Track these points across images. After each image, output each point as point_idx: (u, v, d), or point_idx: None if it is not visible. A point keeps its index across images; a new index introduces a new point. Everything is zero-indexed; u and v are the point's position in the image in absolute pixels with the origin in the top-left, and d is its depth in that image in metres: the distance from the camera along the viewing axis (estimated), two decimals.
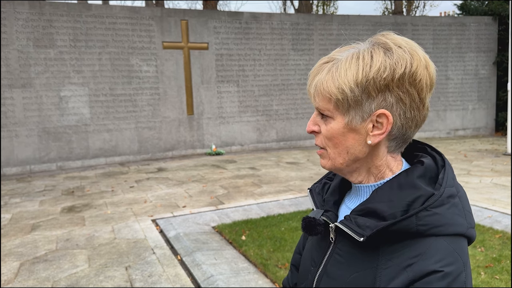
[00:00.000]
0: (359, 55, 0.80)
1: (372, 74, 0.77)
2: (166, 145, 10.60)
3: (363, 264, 0.81)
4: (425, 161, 0.84)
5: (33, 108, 9.23)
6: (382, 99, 0.79)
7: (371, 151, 0.84)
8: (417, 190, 0.79)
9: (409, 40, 0.82)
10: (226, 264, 3.90)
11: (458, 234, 0.78)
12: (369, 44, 0.82)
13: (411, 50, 0.80)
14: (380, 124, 0.80)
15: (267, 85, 11.49)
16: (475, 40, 13.22)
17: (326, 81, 0.81)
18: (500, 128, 13.44)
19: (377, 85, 0.78)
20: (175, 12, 10.59)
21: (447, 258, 0.74)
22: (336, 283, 0.84)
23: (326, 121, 0.84)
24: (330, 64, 0.83)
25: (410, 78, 0.78)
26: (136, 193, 6.79)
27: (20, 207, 6.12)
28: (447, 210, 0.77)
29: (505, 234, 4.46)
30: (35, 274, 3.84)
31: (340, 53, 0.84)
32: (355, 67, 0.79)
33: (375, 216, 0.80)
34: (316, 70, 0.85)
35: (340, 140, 0.83)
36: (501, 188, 6.42)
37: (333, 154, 0.85)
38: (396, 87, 0.78)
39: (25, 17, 9.04)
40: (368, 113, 0.80)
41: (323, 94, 0.82)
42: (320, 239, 0.94)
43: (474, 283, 3.40)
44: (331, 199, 0.95)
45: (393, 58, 0.78)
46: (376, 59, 0.78)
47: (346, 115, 0.81)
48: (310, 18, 11.97)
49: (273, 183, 7.24)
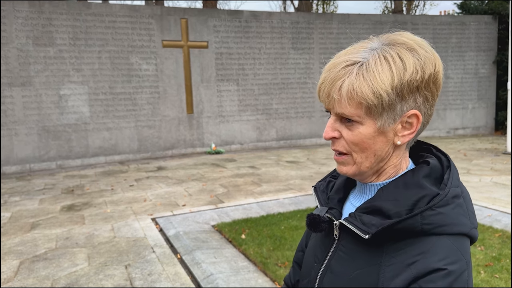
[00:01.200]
0: (387, 57, 0.78)
1: (407, 77, 0.77)
2: (166, 144, 10.59)
3: (366, 261, 0.81)
4: (431, 162, 0.86)
5: (32, 106, 9.22)
6: (412, 100, 0.80)
7: (394, 151, 0.85)
8: (422, 190, 0.80)
9: (424, 40, 0.83)
10: (226, 263, 3.90)
11: (461, 233, 0.79)
12: (386, 43, 0.81)
13: (432, 50, 0.81)
14: (409, 124, 0.82)
15: (267, 84, 11.48)
16: (475, 39, 13.21)
17: (360, 85, 0.77)
18: (500, 127, 13.45)
19: (410, 88, 0.78)
20: (175, 10, 10.58)
21: (450, 257, 0.75)
22: (339, 279, 0.85)
23: (352, 126, 0.82)
24: (355, 67, 0.79)
25: (433, 78, 0.81)
26: (136, 191, 6.79)
27: (19, 206, 6.12)
28: (452, 210, 0.78)
29: (504, 233, 4.46)
30: (35, 272, 3.83)
31: (357, 55, 0.80)
32: (389, 70, 0.77)
33: (380, 214, 0.81)
34: (337, 74, 0.80)
35: (369, 143, 0.82)
36: (501, 187, 6.42)
37: (360, 159, 0.84)
38: (424, 87, 0.80)
39: (24, 16, 9.03)
40: (399, 114, 0.80)
41: (355, 99, 0.78)
42: (323, 236, 0.94)
43: (474, 282, 3.41)
44: (336, 196, 0.96)
45: (421, 59, 0.79)
46: (407, 62, 0.78)
47: (379, 119, 0.80)
48: (310, 17, 11.96)
49: (273, 182, 7.24)
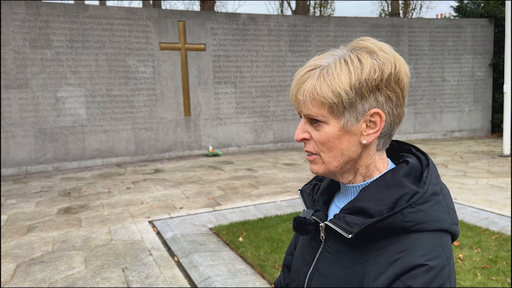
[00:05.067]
0: (346, 59, 0.83)
1: (364, 76, 0.81)
2: (163, 146, 10.58)
3: (352, 261, 0.83)
4: (410, 161, 0.88)
5: (29, 109, 9.19)
6: (374, 99, 0.83)
7: (362, 151, 0.87)
8: (402, 188, 0.83)
9: (386, 44, 0.87)
10: (223, 266, 3.89)
11: (442, 230, 0.81)
12: (350, 49, 0.85)
13: (392, 52, 0.85)
14: (373, 123, 0.84)
15: (264, 86, 11.50)
16: (471, 42, 13.28)
17: (320, 86, 0.82)
18: (496, 129, 13.51)
19: (369, 86, 0.82)
20: (172, 13, 10.58)
21: (431, 253, 0.77)
22: (327, 280, 0.87)
23: (319, 127, 0.86)
24: (317, 70, 0.84)
25: (395, 78, 0.83)
26: (133, 194, 6.77)
27: (16, 208, 6.09)
28: (431, 207, 0.80)
29: (501, 235, 4.48)
30: (32, 275, 3.82)
31: (322, 60, 0.85)
32: (347, 70, 0.81)
33: (363, 214, 0.83)
34: (302, 78, 0.86)
35: (335, 143, 0.85)
36: (497, 190, 6.44)
37: (328, 158, 0.87)
38: (385, 86, 0.83)
39: (21, 18, 9.01)
40: (362, 113, 0.83)
41: (317, 99, 0.83)
42: (310, 239, 0.96)
43: (471, 284, 3.41)
44: (321, 199, 0.98)
45: (380, 60, 0.82)
46: (365, 62, 0.81)
47: (341, 118, 0.83)
48: (307, 20, 11.99)
49: (270, 184, 7.24)
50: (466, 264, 3.77)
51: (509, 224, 4.74)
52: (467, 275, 3.55)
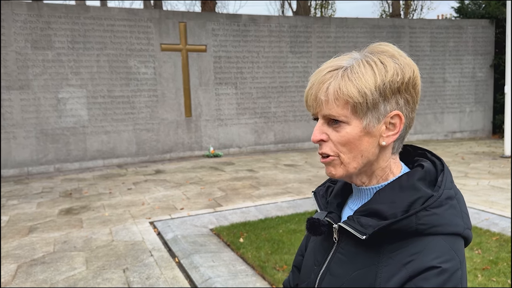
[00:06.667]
0: (369, 61, 0.84)
1: (388, 78, 0.83)
2: (164, 147, 10.59)
3: (365, 262, 0.84)
4: (425, 165, 0.89)
5: (31, 110, 9.21)
6: (395, 101, 0.85)
7: (379, 153, 0.88)
8: (417, 192, 0.83)
9: (400, 50, 0.89)
10: (224, 267, 3.90)
11: (455, 233, 0.82)
12: (369, 52, 0.87)
13: (409, 59, 0.87)
14: (392, 125, 0.86)
15: (265, 87, 11.50)
16: (472, 43, 13.27)
17: (345, 85, 0.83)
18: (497, 130, 13.49)
19: (392, 88, 0.84)
20: (174, 14, 10.60)
21: (444, 256, 0.78)
22: (339, 280, 0.88)
23: (339, 127, 0.85)
24: (340, 71, 0.84)
25: (413, 82, 0.86)
26: (134, 195, 6.78)
27: (17, 209, 6.10)
28: (445, 211, 0.81)
29: (502, 236, 4.48)
30: (33, 276, 3.83)
31: (342, 62, 0.86)
32: (371, 72, 0.83)
33: (377, 216, 0.84)
34: (323, 77, 0.85)
35: (356, 144, 0.86)
36: (499, 191, 6.44)
37: (348, 159, 0.87)
38: (404, 90, 0.85)
39: (23, 19, 9.04)
40: (383, 114, 0.85)
41: (341, 98, 0.83)
42: (323, 240, 0.97)
43: (471, 285, 3.42)
44: (334, 201, 0.99)
45: (401, 64, 0.85)
46: (388, 65, 0.84)
47: (364, 119, 0.84)
48: (308, 21, 11.99)
49: (271, 185, 7.24)
50: (467, 265, 3.77)
51: (509, 225, 4.74)
52: (468, 276, 3.55)
